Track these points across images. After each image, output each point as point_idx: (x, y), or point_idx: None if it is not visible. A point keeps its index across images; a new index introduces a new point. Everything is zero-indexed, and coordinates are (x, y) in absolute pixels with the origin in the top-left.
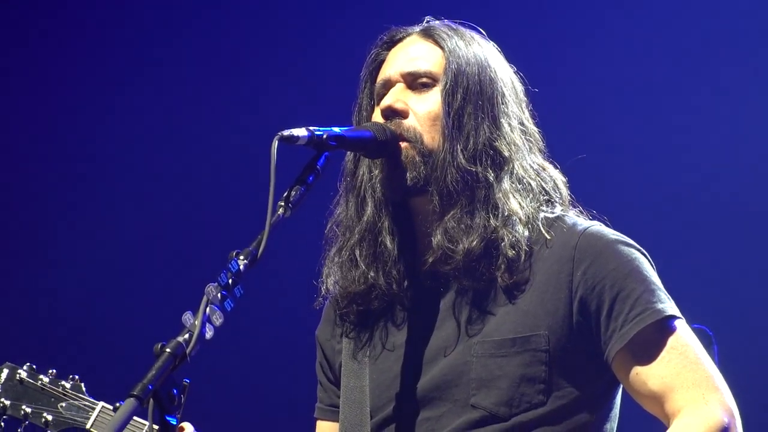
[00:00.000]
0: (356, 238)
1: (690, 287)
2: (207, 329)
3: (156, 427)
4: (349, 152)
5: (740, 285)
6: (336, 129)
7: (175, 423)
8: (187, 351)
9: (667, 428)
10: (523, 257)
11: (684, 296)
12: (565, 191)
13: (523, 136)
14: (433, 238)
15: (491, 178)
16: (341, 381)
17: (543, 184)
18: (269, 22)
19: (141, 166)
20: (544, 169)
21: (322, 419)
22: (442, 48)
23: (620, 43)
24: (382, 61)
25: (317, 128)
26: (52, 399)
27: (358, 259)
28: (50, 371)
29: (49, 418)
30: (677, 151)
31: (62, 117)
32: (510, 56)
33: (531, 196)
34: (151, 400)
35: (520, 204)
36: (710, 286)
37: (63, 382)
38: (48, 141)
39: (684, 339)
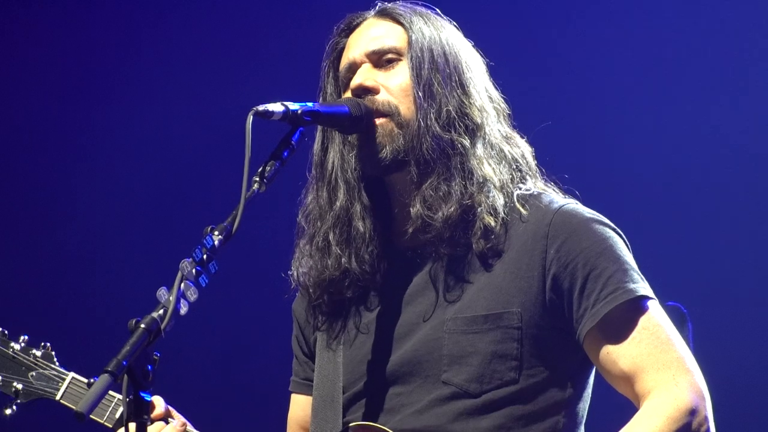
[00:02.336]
0: (329, 224)
1: (665, 265)
2: (181, 305)
3: (129, 402)
4: (317, 141)
5: (715, 263)
6: (311, 104)
7: (149, 399)
8: (162, 326)
9: (637, 409)
10: (498, 225)
11: (659, 274)
12: (532, 161)
13: (490, 103)
14: (411, 208)
15: (466, 143)
16: (316, 357)
17: (513, 152)
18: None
19: (116, 143)
20: (512, 138)
21: (297, 392)
22: (402, 24)
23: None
24: (343, 49)
25: (292, 103)
26: (23, 368)
27: (332, 245)
28: (22, 338)
29: (19, 387)
30: (652, 130)
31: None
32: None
33: (504, 163)
34: (126, 376)
35: (494, 170)
36: (685, 264)
37: (34, 350)
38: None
39: (656, 319)
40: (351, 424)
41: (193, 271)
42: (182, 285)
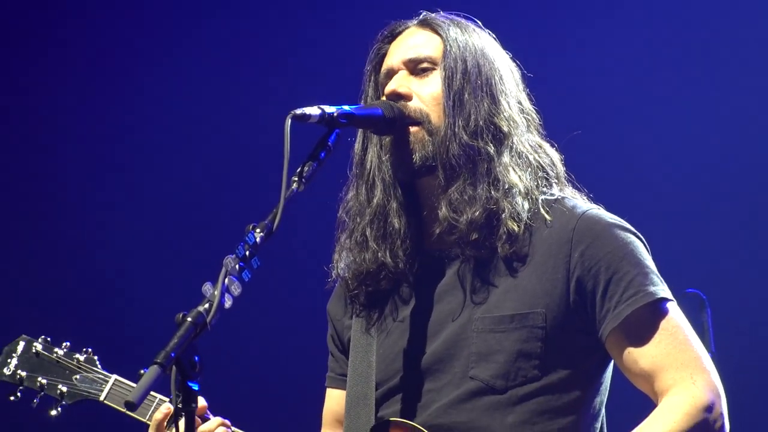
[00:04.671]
0: (367, 221)
1: (685, 254)
2: (226, 299)
3: (179, 393)
4: (358, 142)
5: (733, 251)
6: (346, 107)
7: (197, 389)
8: (208, 320)
9: (656, 405)
10: (522, 230)
11: (679, 263)
12: (561, 169)
13: (521, 114)
14: (438, 211)
15: (492, 152)
16: (350, 355)
17: (540, 160)
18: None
19: (166, 147)
20: (541, 147)
21: (332, 387)
22: (440, 35)
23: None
24: (384, 54)
25: (328, 106)
26: (67, 371)
27: (369, 240)
28: (64, 344)
29: (64, 389)
30: (668, 127)
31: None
32: (512, 46)
33: (530, 170)
34: (174, 367)
35: (519, 177)
36: (704, 253)
37: (77, 355)
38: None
39: (675, 321)
40: (383, 420)
41: (237, 266)
42: (226, 280)
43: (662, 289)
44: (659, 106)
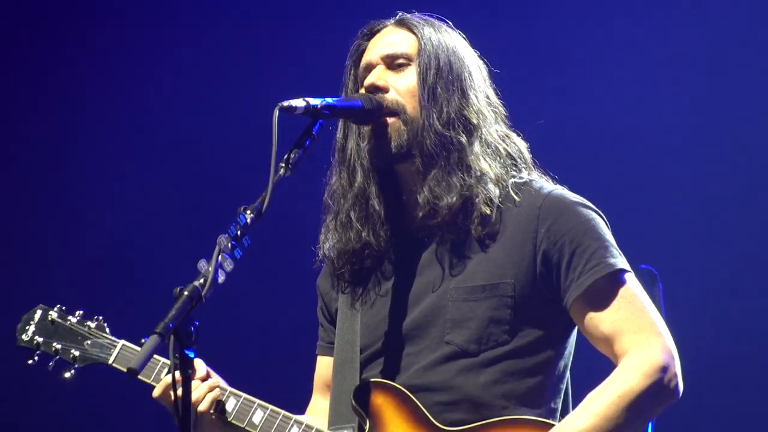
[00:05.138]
0: (350, 203)
1: (639, 232)
2: (219, 274)
3: (177, 360)
4: (339, 130)
5: (684, 228)
6: (329, 99)
7: (192, 356)
8: (203, 293)
9: (615, 367)
10: (494, 212)
11: (634, 240)
12: (527, 156)
13: (488, 107)
14: (419, 196)
15: (464, 141)
16: (336, 325)
17: (508, 149)
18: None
19: (169, 138)
20: (508, 137)
21: (321, 355)
22: (415, 34)
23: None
24: (364, 50)
25: (312, 98)
26: (79, 337)
27: (353, 220)
28: (77, 312)
29: (76, 353)
30: (623, 105)
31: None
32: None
33: (498, 159)
34: (172, 336)
35: (489, 165)
36: (657, 231)
37: (88, 322)
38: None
39: (632, 289)
40: (367, 381)
41: (229, 245)
42: (220, 257)
43: (621, 261)
44: (614, 80)
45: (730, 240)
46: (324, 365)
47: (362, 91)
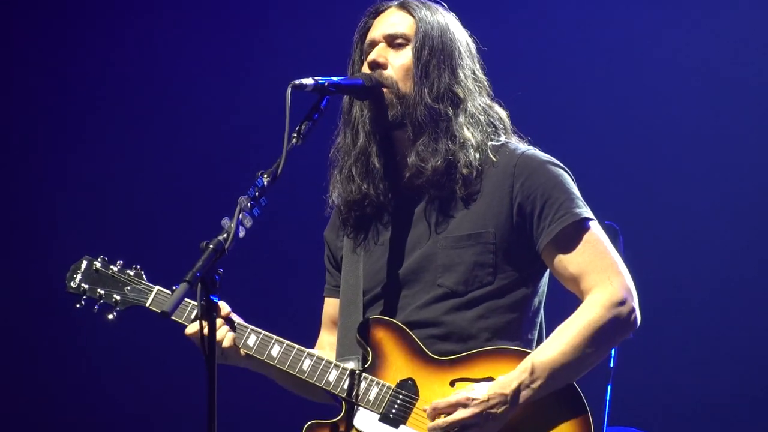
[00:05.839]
0: (352, 160)
1: (602, 190)
2: (240, 230)
3: (203, 303)
4: (345, 97)
5: (643, 186)
6: (334, 78)
7: (216, 300)
8: (226, 247)
9: (581, 302)
10: (475, 174)
11: (598, 198)
12: (507, 122)
13: (475, 83)
14: (408, 159)
15: (450, 113)
16: (342, 270)
17: (490, 118)
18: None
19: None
20: (491, 107)
21: (329, 296)
22: (413, 16)
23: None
24: (369, 28)
25: (320, 77)
26: (120, 283)
27: (354, 175)
28: (118, 262)
29: (118, 298)
30: (591, 73)
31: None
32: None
33: (480, 128)
34: (199, 284)
35: (472, 134)
36: (619, 189)
37: (128, 271)
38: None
39: (596, 235)
40: (370, 318)
41: (248, 204)
42: (240, 215)
43: (586, 211)
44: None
45: (681, 199)
46: (331, 305)
47: (365, 64)
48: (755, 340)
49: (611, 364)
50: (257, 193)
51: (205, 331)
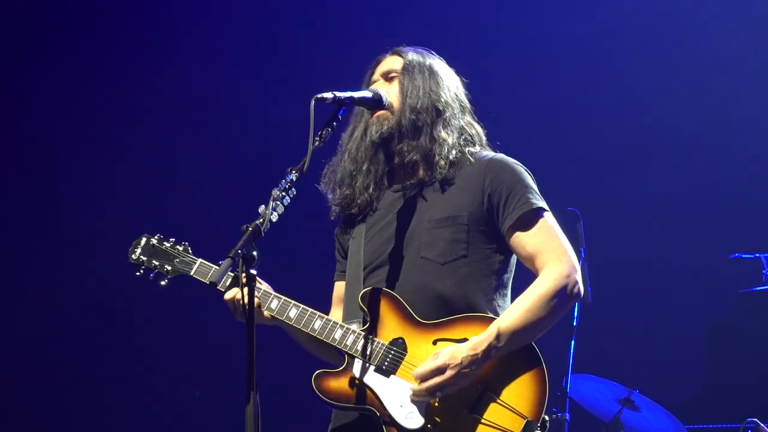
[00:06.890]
0: (354, 162)
1: (566, 180)
2: (274, 216)
3: (244, 275)
4: (354, 110)
5: (603, 175)
6: (348, 93)
7: (255, 273)
8: (262, 229)
9: (536, 277)
10: (449, 167)
11: (562, 189)
12: (484, 138)
13: (456, 102)
14: (395, 160)
15: (429, 121)
16: (348, 253)
17: (469, 133)
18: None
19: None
20: (471, 124)
21: (338, 280)
22: (402, 58)
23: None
24: (378, 62)
25: (338, 91)
26: (171, 256)
27: (355, 177)
28: (171, 239)
29: (169, 268)
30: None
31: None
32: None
33: (457, 133)
34: (241, 260)
35: (448, 134)
36: (581, 179)
37: (178, 246)
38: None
39: (548, 222)
40: (368, 288)
41: (280, 194)
42: (273, 203)
43: (541, 202)
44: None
45: (635, 188)
46: (339, 287)
47: (372, 87)
48: (694, 306)
49: (574, 323)
50: (287, 186)
51: (245, 298)
